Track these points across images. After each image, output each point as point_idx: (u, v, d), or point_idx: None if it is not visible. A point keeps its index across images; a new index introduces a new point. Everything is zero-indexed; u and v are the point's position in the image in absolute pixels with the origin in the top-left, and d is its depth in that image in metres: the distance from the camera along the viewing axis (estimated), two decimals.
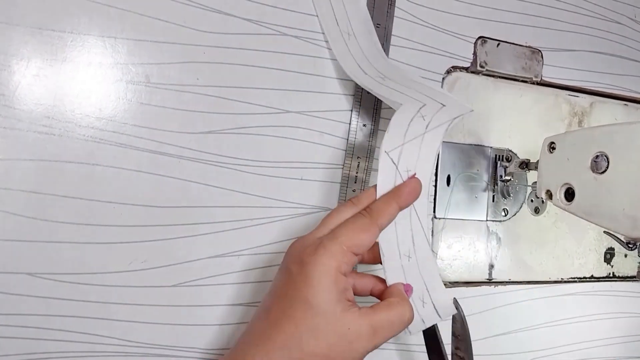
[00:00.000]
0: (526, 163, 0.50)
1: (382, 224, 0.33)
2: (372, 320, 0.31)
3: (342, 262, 0.31)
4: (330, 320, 0.30)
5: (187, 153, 0.40)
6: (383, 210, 0.33)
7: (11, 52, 0.36)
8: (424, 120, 0.36)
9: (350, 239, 0.32)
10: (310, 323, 0.30)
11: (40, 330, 0.37)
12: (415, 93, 0.37)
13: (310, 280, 0.31)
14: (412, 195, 0.35)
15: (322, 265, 0.31)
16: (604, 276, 0.58)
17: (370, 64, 0.41)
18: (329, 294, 0.30)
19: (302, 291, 0.31)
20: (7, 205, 0.36)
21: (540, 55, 0.53)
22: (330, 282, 0.31)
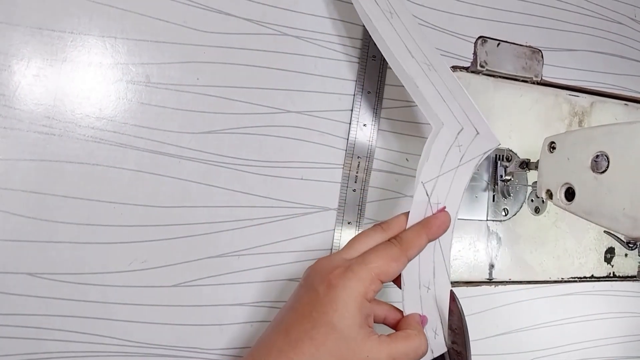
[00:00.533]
0: (526, 163, 0.50)
1: (411, 255, 0.34)
2: (390, 350, 0.31)
3: (369, 289, 0.31)
4: (351, 346, 0.30)
5: (187, 153, 0.40)
6: (413, 242, 0.34)
7: (11, 52, 0.36)
8: (460, 151, 0.36)
9: (380, 267, 0.32)
10: (332, 347, 0.30)
11: (41, 331, 0.37)
12: (455, 105, 0.37)
13: (336, 303, 0.30)
14: (441, 228, 0.35)
15: (350, 289, 0.31)
16: (604, 276, 0.58)
17: (417, 46, 0.39)
18: (354, 319, 0.30)
19: (327, 314, 0.30)
20: (7, 205, 0.36)
21: (541, 55, 0.53)
22: (356, 308, 0.31)
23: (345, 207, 0.45)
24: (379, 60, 0.46)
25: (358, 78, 0.46)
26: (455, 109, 0.37)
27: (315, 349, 0.30)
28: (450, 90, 0.38)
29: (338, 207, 0.45)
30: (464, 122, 0.37)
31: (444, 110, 0.37)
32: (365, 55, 0.46)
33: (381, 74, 0.46)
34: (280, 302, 0.44)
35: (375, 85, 0.46)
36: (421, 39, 0.39)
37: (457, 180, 0.36)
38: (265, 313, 0.43)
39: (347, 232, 0.45)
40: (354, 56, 0.46)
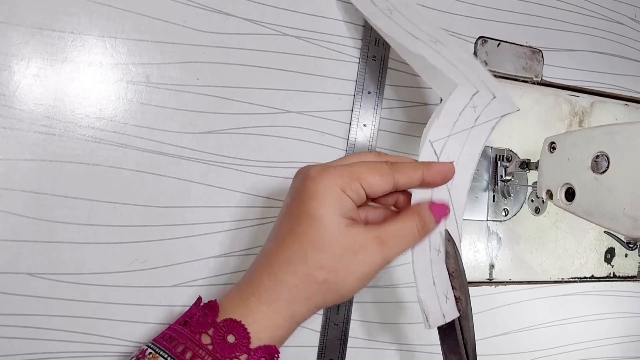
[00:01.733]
0: (526, 163, 0.50)
1: (399, 180, 0.32)
2: (379, 232, 0.30)
3: (347, 186, 0.30)
4: (334, 232, 0.29)
5: (187, 153, 0.40)
6: (406, 169, 0.32)
7: (11, 52, 0.36)
8: (475, 112, 0.35)
9: (362, 173, 0.31)
10: (314, 236, 0.29)
11: (41, 331, 0.37)
12: (469, 71, 0.36)
13: (314, 194, 0.30)
14: (441, 174, 0.33)
15: (327, 181, 0.30)
16: (604, 276, 0.58)
17: (422, 30, 0.38)
18: (332, 208, 0.30)
19: (305, 205, 0.30)
20: (7, 205, 0.36)
21: (541, 55, 0.53)
22: (333, 198, 0.30)
23: None
24: (379, 60, 0.46)
25: (358, 78, 0.46)
26: (470, 74, 0.36)
27: (298, 242, 0.30)
28: (462, 60, 0.36)
29: None
30: (479, 86, 0.35)
31: (457, 74, 0.35)
32: (365, 55, 0.46)
33: (381, 74, 0.46)
34: None
35: (375, 85, 0.46)
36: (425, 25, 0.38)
37: (471, 141, 0.34)
38: None
39: None
40: (354, 56, 0.46)
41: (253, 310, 0.30)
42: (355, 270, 0.30)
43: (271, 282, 0.30)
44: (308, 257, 0.29)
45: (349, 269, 0.30)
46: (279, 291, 0.30)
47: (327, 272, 0.30)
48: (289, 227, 0.31)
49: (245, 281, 0.31)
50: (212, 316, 0.30)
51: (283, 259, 0.30)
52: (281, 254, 0.30)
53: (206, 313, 0.30)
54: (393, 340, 0.48)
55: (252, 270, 0.32)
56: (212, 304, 0.31)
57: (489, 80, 0.36)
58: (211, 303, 0.31)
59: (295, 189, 0.32)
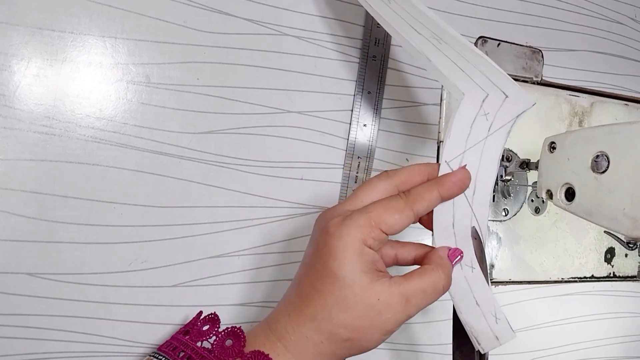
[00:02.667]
0: (526, 163, 0.50)
1: (419, 210, 0.31)
2: (403, 290, 0.30)
3: (368, 236, 0.30)
4: (358, 291, 0.29)
5: (187, 153, 0.40)
6: (422, 196, 0.32)
7: (11, 52, 0.36)
8: (487, 120, 0.33)
9: (380, 216, 0.30)
10: (338, 295, 0.29)
11: (41, 331, 0.37)
12: (475, 72, 0.34)
13: (335, 252, 0.30)
14: (457, 185, 0.32)
15: (347, 237, 0.30)
16: (604, 276, 0.58)
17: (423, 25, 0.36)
18: (354, 265, 0.30)
19: (327, 263, 0.30)
20: (7, 205, 0.36)
21: (541, 55, 0.53)
22: (355, 254, 0.30)
23: None
24: (379, 60, 0.46)
25: (358, 78, 0.46)
26: (477, 76, 0.34)
27: (323, 300, 0.30)
28: (467, 59, 0.35)
29: None
30: (488, 88, 0.34)
31: (463, 79, 0.34)
32: (365, 55, 0.46)
33: (381, 74, 0.46)
34: None
35: (375, 85, 0.46)
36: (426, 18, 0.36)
37: (488, 151, 0.33)
38: (265, 313, 0.43)
39: None
40: (354, 56, 0.46)
41: (279, 355, 0.30)
42: (379, 328, 0.30)
43: (296, 337, 0.30)
44: (332, 316, 0.30)
45: (372, 327, 0.30)
46: (305, 345, 0.30)
47: (352, 332, 0.30)
48: (312, 284, 0.31)
49: (271, 326, 0.32)
50: (239, 345, 0.31)
51: (307, 315, 0.30)
52: (305, 309, 0.30)
53: (231, 340, 0.31)
54: (393, 341, 0.48)
55: (276, 319, 0.32)
56: (237, 331, 0.31)
57: (499, 78, 0.34)
58: (236, 330, 0.31)
59: (316, 243, 0.32)
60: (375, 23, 0.46)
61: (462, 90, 0.34)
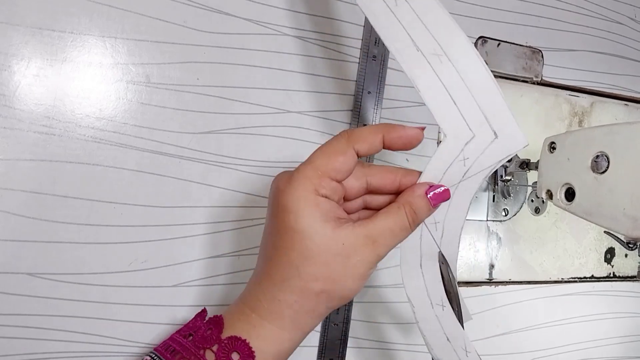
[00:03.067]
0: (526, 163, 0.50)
1: (360, 149, 0.30)
2: (369, 230, 0.29)
3: (319, 186, 0.29)
4: (321, 240, 0.28)
5: (187, 153, 0.40)
6: (365, 136, 0.30)
7: (11, 52, 0.36)
8: (464, 165, 0.32)
9: (325, 164, 0.29)
10: (300, 248, 0.29)
11: (41, 331, 0.37)
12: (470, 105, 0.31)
13: (288, 206, 0.29)
14: (403, 138, 0.31)
15: (297, 191, 0.29)
16: (604, 276, 0.58)
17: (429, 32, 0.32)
18: (312, 216, 0.29)
19: (284, 220, 0.29)
20: (7, 205, 0.36)
21: (541, 55, 0.53)
22: (310, 206, 0.29)
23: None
24: (379, 60, 0.46)
25: (358, 78, 0.46)
26: (470, 110, 0.31)
27: (286, 258, 0.29)
28: (468, 84, 0.31)
29: None
30: (477, 127, 0.31)
31: (452, 115, 0.31)
32: (365, 55, 0.46)
33: (381, 74, 0.46)
34: None
35: (375, 85, 0.46)
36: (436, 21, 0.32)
37: (458, 196, 0.32)
38: None
39: None
40: (354, 56, 0.46)
41: (256, 326, 0.30)
42: (350, 274, 0.29)
43: (269, 303, 0.30)
44: (300, 271, 0.29)
45: (344, 274, 0.29)
46: (280, 309, 0.29)
47: (323, 282, 0.29)
48: (274, 244, 0.30)
49: (244, 300, 0.31)
50: (217, 332, 0.30)
51: (276, 277, 0.29)
52: (273, 272, 0.30)
53: (211, 328, 0.30)
54: (393, 340, 0.48)
55: (249, 290, 0.31)
56: (217, 319, 0.31)
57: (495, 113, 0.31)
58: (217, 318, 0.31)
59: (271, 205, 0.31)
60: None
61: (445, 132, 0.32)
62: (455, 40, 0.31)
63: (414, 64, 0.31)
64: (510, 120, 0.31)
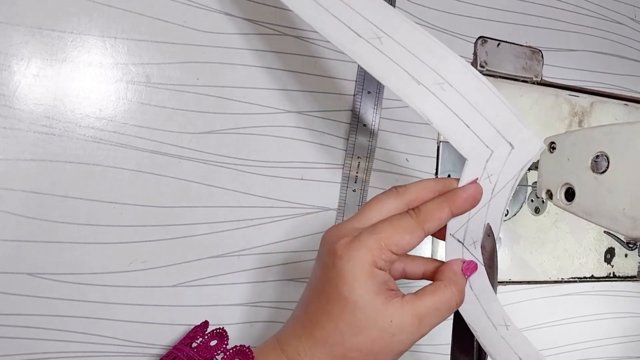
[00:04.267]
0: None
1: (429, 228, 0.31)
2: (417, 310, 0.29)
3: (378, 258, 0.29)
4: (370, 314, 0.29)
5: (187, 153, 0.40)
6: (432, 214, 0.31)
7: (11, 52, 0.36)
8: (490, 182, 0.32)
9: (390, 237, 0.30)
10: (350, 319, 0.29)
11: (41, 330, 0.37)
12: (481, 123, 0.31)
13: (344, 275, 0.29)
14: (468, 202, 0.31)
15: (356, 260, 0.29)
16: (604, 276, 0.58)
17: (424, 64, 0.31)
18: (366, 289, 0.29)
19: (338, 287, 0.29)
20: (7, 205, 0.36)
21: (541, 55, 0.53)
22: (365, 277, 0.29)
23: (345, 208, 0.45)
24: None
25: (358, 78, 0.46)
26: (482, 128, 0.32)
27: (334, 324, 0.29)
28: (474, 104, 0.32)
29: (338, 208, 0.45)
30: (493, 143, 0.32)
31: (467, 137, 0.32)
32: None
33: None
34: (281, 302, 0.44)
35: (375, 85, 0.46)
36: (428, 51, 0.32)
37: (492, 213, 0.32)
38: (265, 313, 0.43)
39: None
40: None
41: None
42: (392, 350, 0.30)
43: (308, 359, 0.30)
44: (345, 340, 0.29)
45: (386, 349, 0.29)
46: None
47: (365, 355, 0.29)
48: (322, 307, 0.30)
49: (282, 346, 0.31)
50: None
51: (319, 338, 0.30)
52: (317, 333, 0.30)
53: (239, 359, 0.31)
54: None
55: (287, 341, 0.31)
56: (246, 350, 0.31)
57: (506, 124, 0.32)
58: (244, 349, 0.31)
59: (324, 265, 0.31)
60: None
61: (465, 155, 0.32)
62: (451, 64, 0.32)
63: (421, 99, 0.31)
64: (521, 127, 0.32)
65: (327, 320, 0.30)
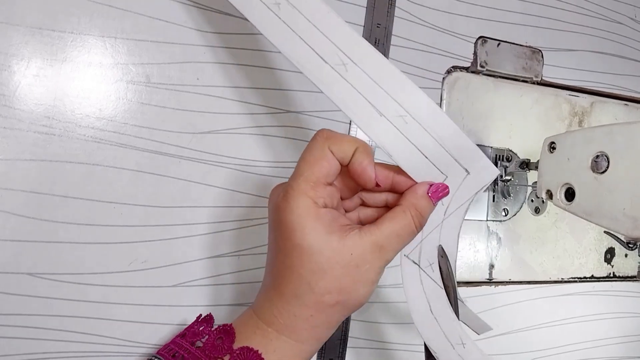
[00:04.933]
0: (526, 163, 0.50)
1: (337, 150, 0.30)
2: (376, 238, 0.29)
3: (315, 197, 0.29)
4: (329, 254, 0.29)
5: (187, 153, 0.40)
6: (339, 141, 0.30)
7: (11, 52, 0.36)
8: (442, 205, 0.33)
9: (313, 172, 0.29)
10: (310, 265, 0.29)
11: (41, 330, 0.37)
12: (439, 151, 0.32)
13: (292, 226, 0.29)
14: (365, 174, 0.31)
15: (297, 207, 0.29)
16: (604, 276, 0.58)
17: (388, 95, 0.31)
18: (317, 231, 0.29)
19: (290, 238, 0.29)
20: (7, 205, 0.36)
21: (541, 55, 0.53)
22: (312, 221, 0.29)
23: None
24: None
25: None
26: (439, 157, 0.32)
27: (297, 275, 0.29)
28: (434, 135, 0.32)
29: None
30: (448, 168, 0.32)
31: (423, 166, 0.32)
32: None
33: None
34: None
35: None
36: (391, 82, 0.32)
37: (446, 232, 0.33)
38: None
39: None
40: None
41: (273, 339, 0.30)
42: (361, 281, 0.30)
43: (285, 318, 0.30)
44: (313, 286, 0.29)
45: (355, 283, 0.29)
46: (296, 324, 0.30)
47: (337, 294, 0.29)
48: (283, 262, 0.30)
49: (257, 313, 0.31)
50: (229, 342, 0.30)
51: (289, 294, 0.30)
52: (284, 289, 0.30)
53: (221, 337, 0.30)
54: (393, 340, 0.48)
55: (261, 305, 0.31)
56: (227, 328, 0.31)
57: (464, 151, 0.32)
58: (227, 327, 0.31)
59: (272, 222, 0.31)
60: (375, 23, 0.46)
61: (418, 180, 0.33)
62: (413, 96, 0.32)
63: (382, 131, 0.32)
64: (481, 155, 0.32)
65: (290, 274, 0.29)
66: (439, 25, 0.49)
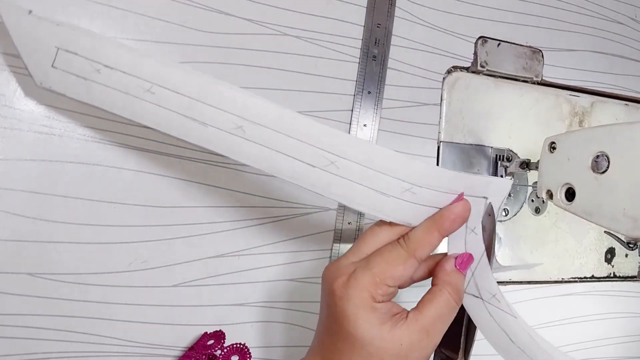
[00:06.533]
0: (527, 163, 0.50)
1: (420, 255, 0.31)
2: (422, 324, 0.30)
3: (375, 294, 0.30)
4: (380, 345, 0.29)
5: (187, 153, 0.40)
6: (422, 241, 0.31)
7: (11, 52, 0.36)
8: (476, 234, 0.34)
9: (384, 272, 0.30)
10: (362, 353, 0.30)
11: (40, 330, 0.37)
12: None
13: (347, 315, 0.30)
14: (456, 222, 0.32)
15: (355, 298, 0.30)
16: (605, 276, 0.58)
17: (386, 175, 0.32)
18: (370, 323, 0.30)
19: (343, 326, 0.30)
20: (7, 205, 0.36)
21: (541, 55, 0.53)
22: (367, 313, 0.30)
23: (345, 207, 0.45)
24: (379, 61, 0.46)
25: (358, 78, 0.46)
26: None
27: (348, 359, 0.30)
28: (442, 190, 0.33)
29: (338, 207, 0.45)
30: None
31: None
32: (365, 55, 0.46)
33: (381, 74, 0.46)
34: (280, 302, 0.44)
35: (375, 85, 0.46)
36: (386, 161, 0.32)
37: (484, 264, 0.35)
38: (265, 313, 0.43)
39: (347, 233, 0.45)
40: (354, 56, 0.46)
41: None
42: None
43: None
44: None
45: None
46: None
47: None
48: (334, 344, 0.31)
49: None
50: None
51: None
52: None
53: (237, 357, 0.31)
54: None
55: None
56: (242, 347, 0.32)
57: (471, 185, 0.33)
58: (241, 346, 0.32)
59: (327, 306, 0.32)
60: (375, 23, 0.46)
61: None
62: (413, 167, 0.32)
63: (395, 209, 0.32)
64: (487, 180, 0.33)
65: (340, 357, 0.30)
66: (439, 25, 0.49)
